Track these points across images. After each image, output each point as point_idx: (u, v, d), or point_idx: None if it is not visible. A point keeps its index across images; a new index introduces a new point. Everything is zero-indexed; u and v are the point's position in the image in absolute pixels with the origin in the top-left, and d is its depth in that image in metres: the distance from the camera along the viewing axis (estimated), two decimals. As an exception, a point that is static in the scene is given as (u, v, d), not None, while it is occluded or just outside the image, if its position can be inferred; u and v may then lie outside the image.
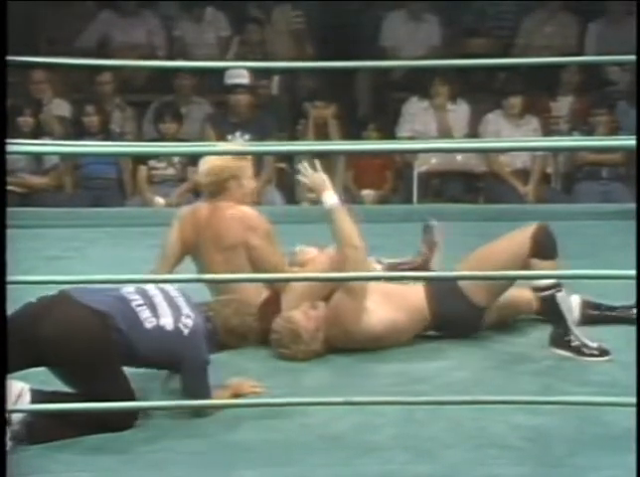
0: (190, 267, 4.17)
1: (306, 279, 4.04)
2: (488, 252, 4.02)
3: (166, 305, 3.33)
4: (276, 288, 4.05)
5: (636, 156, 2.65)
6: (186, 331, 3.29)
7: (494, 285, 3.99)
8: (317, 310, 3.93)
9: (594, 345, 3.93)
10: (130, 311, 3.26)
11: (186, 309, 3.34)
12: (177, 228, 4.16)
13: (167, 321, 3.29)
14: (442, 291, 4.00)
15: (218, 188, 4.07)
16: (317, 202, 4.07)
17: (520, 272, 3.84)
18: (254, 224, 4.06)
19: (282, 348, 3.93)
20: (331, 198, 3.95)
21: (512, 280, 3.97)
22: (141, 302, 3.30)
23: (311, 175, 4.01)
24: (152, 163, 6.90)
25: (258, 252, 4.01)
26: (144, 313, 3.28)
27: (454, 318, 4.01)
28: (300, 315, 3.91)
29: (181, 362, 3.29)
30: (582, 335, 3.94)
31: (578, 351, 3.92)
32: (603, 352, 3.91)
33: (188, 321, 3.31)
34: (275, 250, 4.06)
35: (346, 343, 3.95)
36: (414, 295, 4.03)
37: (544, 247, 3.94)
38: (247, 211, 4.09)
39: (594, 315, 4.23)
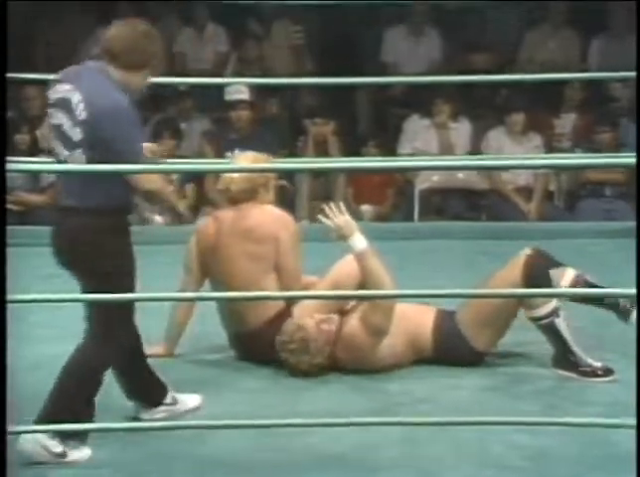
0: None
1: (323, 297, 4.02)
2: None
3: None
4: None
5: (636, 173, 2.62)
6: None
7: (495, 330, 3.98)
8: (330, 325, 3.90)
9: (598, 364, 3.88)
10: None
11: None
12: (195, 239, 4.23)
13: None
14: (446, 330, 3.99)
15: (250, 194, 4.16)
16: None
17: (519, 291, 3.86)
18: (286, 221, 4.18)
19: (287, 353, 3.89)
20: (360, 242, 3.93)
21: (511, 319, 3.97)
22: None
23: (337, 218, 3.93)
24: (150, 180, 6.83)
25: (286, 249, 4.06)
26: None
27: (452, 360, 4.00)
28: (313, 325, 3.89)
29: None
30: (585, 355, 3.89)
31: (582, 372, 3.86)
32: (607, 371, 3.86)
33: None
34: (299, 253, 4.11)
35: (351, 365, 3.94)
36: (422, 326, 4.01)
37: (536, 278, 3.90)
38: (279, 210, 4.22)
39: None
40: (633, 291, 2.73)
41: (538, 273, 3.91)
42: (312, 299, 4.03)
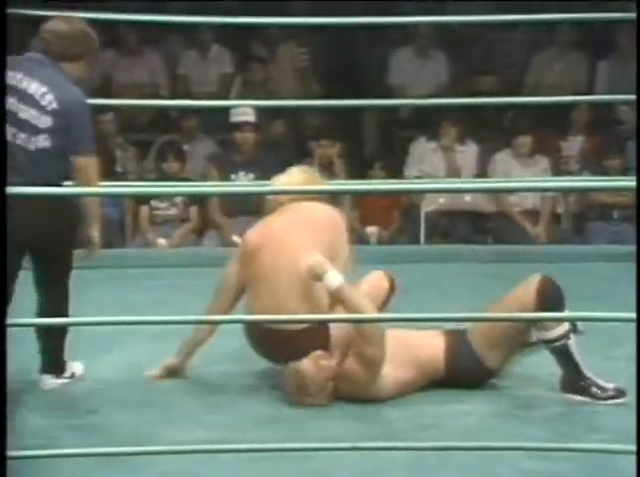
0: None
1: (341, 320, 3.92)
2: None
3: None
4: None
5: (636, 196, 2.59)
6: None
7: (508, 349, 3.93)
8: (330, 360, 3.82)
9: (610, 386, 3.81)
10: None
11: None
12: (238, 251, 4.15)
13: None
14: (458, 350, 3.93)
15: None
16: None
17: (526, 315, 3.79)
18: (336, 213, 4.17)
19: (289, 394, 3.84)
20: (335, 278, 3.81)
21: (524, 340, 3.92)
22: None
23: (308, 260, 3.84)
24: (154, 203, 6.80)
25: (342, 239, 4.03)
26: None
27: (465, 378, 3.94)
28: (310, 366, 3.79)
29: None
30: (596, 377, 3.83)
31: (594, 395, 3.80)
32: (620, 392, 3.79)
33: None
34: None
35: (354, 397, 3.86)
36: (433, 350, 3.95)
37: (550, 302, 3.83)
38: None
39: None
40: (633, 315, 2.69)
41: (553, 298, 3.85)
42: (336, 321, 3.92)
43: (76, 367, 4.04)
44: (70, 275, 3.89)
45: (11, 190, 2.68)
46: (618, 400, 3.77)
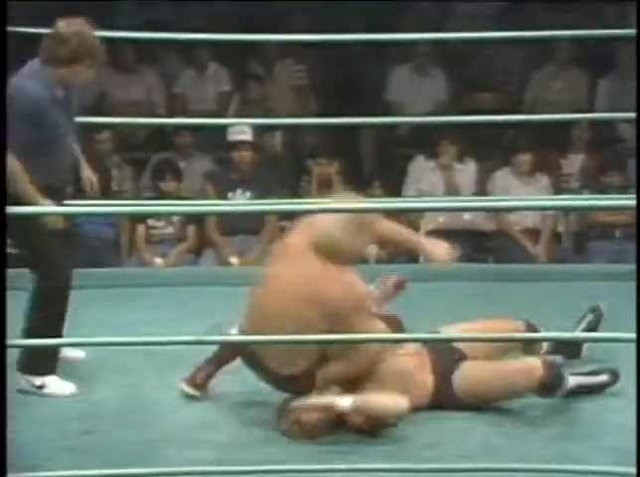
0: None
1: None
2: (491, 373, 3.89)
3: None
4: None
5: (636, 214, 2.55)
6: None
7: (494, 393, 3.87)
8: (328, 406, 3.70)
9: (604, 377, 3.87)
10: None
11: None
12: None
13: None
14: (444, 397, 3.88)
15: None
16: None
17: (516, 335, 3.78)
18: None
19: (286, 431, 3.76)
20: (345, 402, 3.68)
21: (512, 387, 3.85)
22: None
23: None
24: (150, 222, 6.75)
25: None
26: None
27: (451, 402, 3.90)
28: (311, 418, 3.67)
29: None
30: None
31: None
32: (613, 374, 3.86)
33: None
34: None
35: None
36: (423, 380, 3.92)
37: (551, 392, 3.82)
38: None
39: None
40: (633, 336, 2.64)
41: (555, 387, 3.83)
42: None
43: (59, 385, 3.98)
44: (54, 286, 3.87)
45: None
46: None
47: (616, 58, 7.69)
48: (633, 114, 3.97)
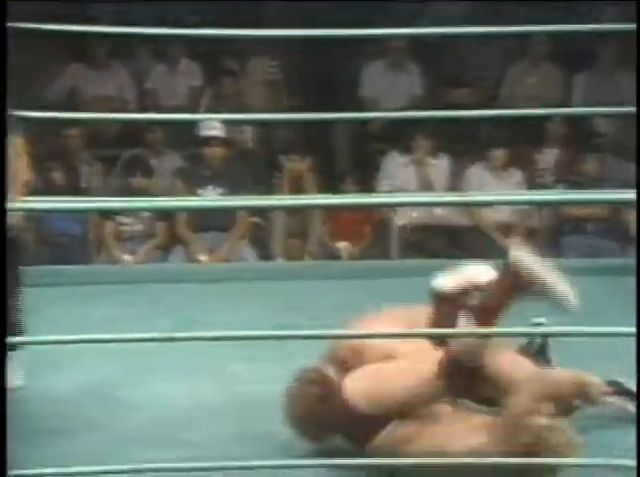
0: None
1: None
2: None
3: None
4: None
5: (636, 210, 2.47)
6: None
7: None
8: None
9: None
10: None
11: None
12: None
13: None
14: None
15: None
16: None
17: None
18: None
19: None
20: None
21: None
22: None
23: None
24: (119, 218, 6.69)
25: None
26: None
27: None
28: None
29: None
30: None
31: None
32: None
33: None
34: None
35: None
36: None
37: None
38: None
39: None
40: (633, 330, 2.57)
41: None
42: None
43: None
44: None
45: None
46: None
47: (591, 53, 7.67)
48: (612, 109, 3.89)
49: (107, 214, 6.59)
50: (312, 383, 3.38)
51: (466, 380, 3.23)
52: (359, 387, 3.28)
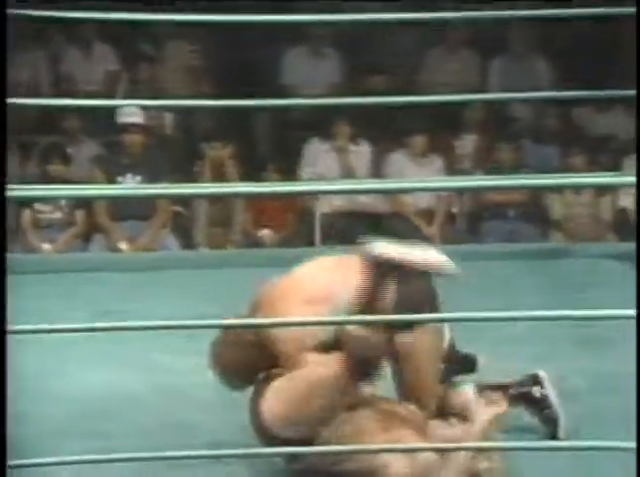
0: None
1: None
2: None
3: None
4: None
5: (636, 192, 2.46)
6: None
7: None
8: None
9: None
10: None
11: None
12: None
13: None
14: None
15: None
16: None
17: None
18: None
19: None
20: None
21: None
22: None
23: None
24: (37, 206, 6.59)
25: None
26: None
27: None
28: None
29: None
30: None
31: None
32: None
33: None
34: None
35: None
36: None
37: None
38: None
39: None
40: (632, 312, 2.55)
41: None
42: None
43: None
44: None
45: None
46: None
47: (507, 39, 7.73)
48: (529, 94, 3.88)
49: (25, 202, 6.49)
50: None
51: (370, 373, 3.19)
52: (275, 410, 3.15)
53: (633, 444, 2.52)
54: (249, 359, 3.25)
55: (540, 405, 3.41)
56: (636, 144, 6.04)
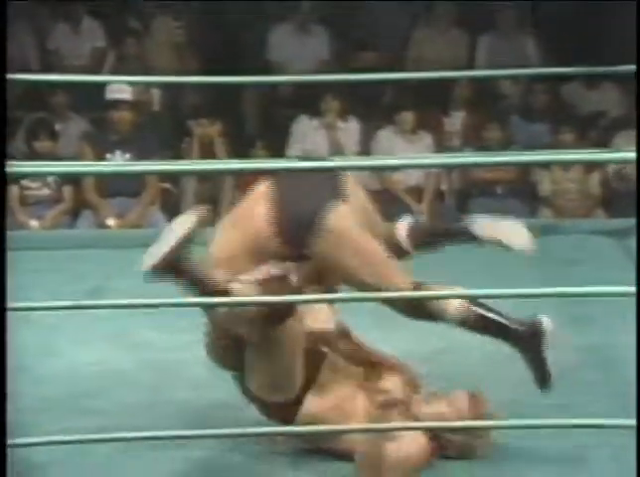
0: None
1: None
2: None
3: None
4: None
5: (636, 169, 2.45)
6: None
7: None
8: None
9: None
10: None
11: None
12: None
13: None
14: None
15: None
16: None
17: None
18: None
19: None
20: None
21: None
22: None
23: None
24: (25, 183, 6.56)
25: None
26: None
27: None
28: None
29: None
30: None
31: None
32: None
33: None
34: None
35: None
36: None
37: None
38: None
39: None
40: (632, 289, 2.53)
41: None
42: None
43: None
44: None
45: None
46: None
47: (495, 16, 7.72)
48: (516, 71, 3.85)
49: (11, 178, 6.46)
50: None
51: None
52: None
53: (633, 422, 2.53)
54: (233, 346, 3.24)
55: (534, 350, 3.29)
56: (636, 120, 6.02)
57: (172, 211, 6.79)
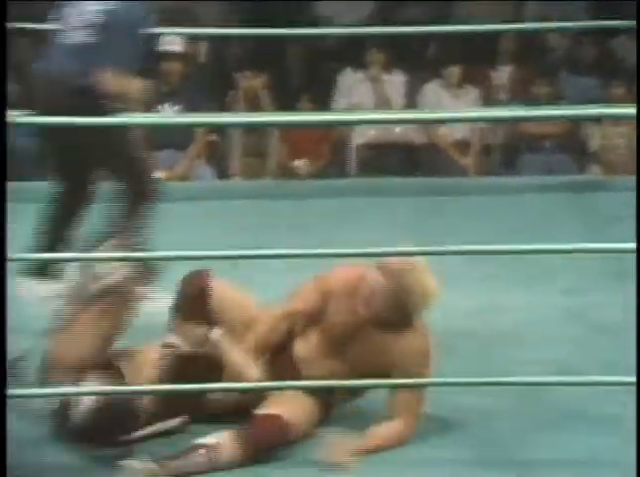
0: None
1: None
2: None
3: None
4: None
5: (636, 130, 2.43)
6: None
7: None
8: None
9: None
10: None
11: None
12: None
13: None
14: None
15: None
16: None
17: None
18: None
19: None
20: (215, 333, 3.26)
21: None
22: None
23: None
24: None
25: None
26: None
27: None
28: None
29: None
30: None
31: None
32: None
33: None
34: None
35: None
36: None
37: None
38: None
39: None
40: (632, 245, 2.52)
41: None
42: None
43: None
44: None
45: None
46: None
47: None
48: (569, 24, 3.78)
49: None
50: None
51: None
52: None
53: (633, 379, 2.55)
54: None
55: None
56: (637, 79, 5.96)
57: (218, 163, 6.82)
